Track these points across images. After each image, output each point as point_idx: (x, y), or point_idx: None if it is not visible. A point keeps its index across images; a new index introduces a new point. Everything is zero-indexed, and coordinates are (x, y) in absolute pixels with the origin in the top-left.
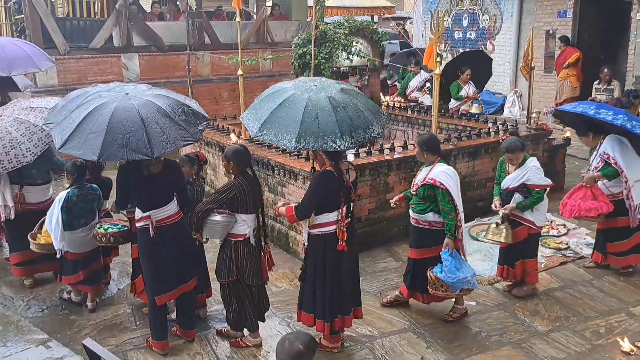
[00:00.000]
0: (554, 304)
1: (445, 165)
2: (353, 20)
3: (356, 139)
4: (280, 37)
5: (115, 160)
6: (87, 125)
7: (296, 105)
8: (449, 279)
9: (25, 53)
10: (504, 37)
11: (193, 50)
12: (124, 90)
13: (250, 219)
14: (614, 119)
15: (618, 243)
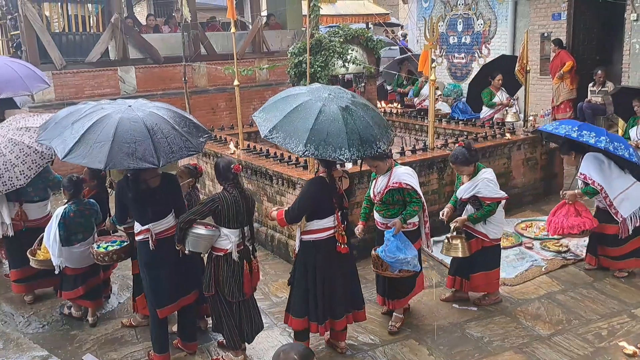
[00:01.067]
0: (555, 308)
1: (403, 167)
2: (348, 28)
3: (362, 153)
4: (276, 46)
5: (122, 169)
6: (92, 135)
7: (309, 111)
8: (388, 259)
9: (17, 75)
10: (499, 41)
11: (189, 61)
12: (125, 103)
13: (233, 233)
14: (597, 141)
15: (612, 249)
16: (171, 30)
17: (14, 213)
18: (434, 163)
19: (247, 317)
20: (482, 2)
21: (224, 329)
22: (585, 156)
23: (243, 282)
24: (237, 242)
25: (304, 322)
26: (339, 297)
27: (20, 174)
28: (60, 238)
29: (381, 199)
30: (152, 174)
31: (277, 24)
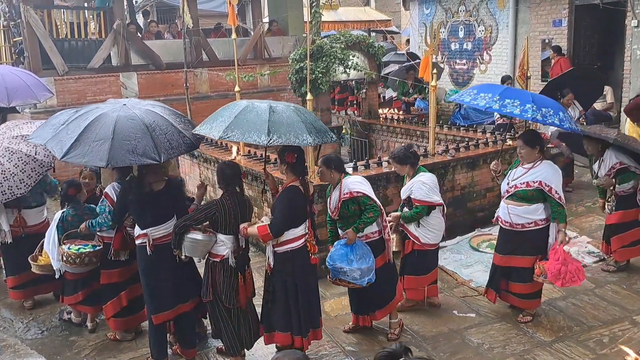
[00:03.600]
0: (556, 314)
1: (351, 176)
2: (349, 34)
3: (321, 139)
4: (277, 52)
5: (124, 165)
6: (90, 134)
7: (259, 110)
8: (328, 263)
9: (25, 84)
10: (500, 47)
11: (191, 67)
12: (120, 102)
13: (230, 239)
14: (522, 111)
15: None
16: (174, 37)
17: (12, 220)
18: (434, 169)
19: (246, 323)
20: (483, 8)
21: (223, 335)
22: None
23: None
24: (234, 248)
25: (288, 337)
26: (316, 306)
27: (20, 183)
28: (59, 241)
29: (338, 214)
30: (157, 177)
31: (279, 30)
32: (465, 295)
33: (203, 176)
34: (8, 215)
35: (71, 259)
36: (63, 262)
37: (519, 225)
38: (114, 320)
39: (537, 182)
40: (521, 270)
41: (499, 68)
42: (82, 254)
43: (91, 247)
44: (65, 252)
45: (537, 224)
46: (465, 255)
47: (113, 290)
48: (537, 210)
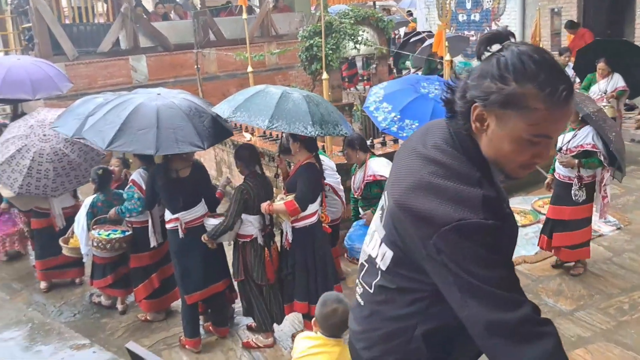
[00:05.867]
0: (576, 283)
1: (378, 158)
2: (358, 9)
3: (326, 131)
4: (284, 29)
5: (171, 153)
6: (133, 124)
7: (271, 95)
8: (346, 244)
9: (47, 75)
10: (508, 18)
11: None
12: (152, 92)
13: (256, 219)
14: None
15: None
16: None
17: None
18: None
19: (276, 299)
20: None
21: (255, 312)
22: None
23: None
24: (261, 227)
25: (305, 306)
26: (330, 276)
27: (85, 172)
28: (88, 227)
29: (361, 194)
30: (183, 164)
31: (285, 7)
32: None
33: (219, 158)
34: (63, 199)
35: (102, 244)
36: (93, 247)
37: None
38: (146, 302)
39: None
40: None
41: None
42: (112, 240)
43: (120, 233)
44: (95, 238)
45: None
46: None
47: (144, 273)
48: None
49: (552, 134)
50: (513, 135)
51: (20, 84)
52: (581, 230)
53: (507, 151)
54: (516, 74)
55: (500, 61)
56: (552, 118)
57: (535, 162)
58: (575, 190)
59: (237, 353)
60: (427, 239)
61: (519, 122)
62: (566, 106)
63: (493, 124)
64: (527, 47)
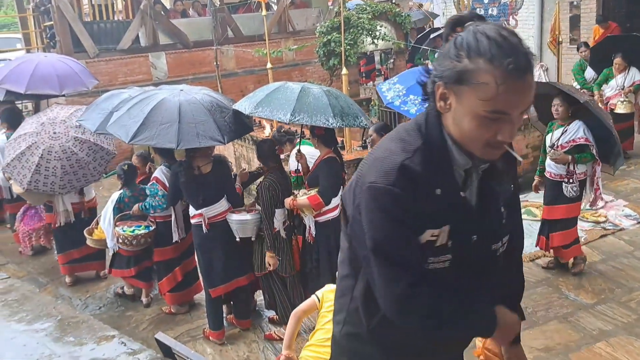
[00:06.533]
0: (597, 277)
1: None
2: (375, 4)
3: (346, 123)
4: (301, 25)
5: (192, 147)
6: (155, 118)
7: (291, 90)
8: None
9: (74, 71)
10: (526, 12)
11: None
12: (175, 88)
13: (279, 213)
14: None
15: None
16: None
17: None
18: None
19: (298, 292)
20: None
21: (278, 305)
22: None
23: (293, 256)
24: (283, 220)
25: None
26: None
27: (94, 170)
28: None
29: None
30: (205, 160)
31: (303, 3)
32: None
33: (238, 153)
34: (71, 195)
35: (127, 240)
36: (119, 243)
37: None
38: (170, 295)
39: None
40: None
41: (525, 33)
42: (137, 236)
43: (144, 228)
44: (120, 235)
45: None
46: None
47: (167, 266)
48: None
49: (507, 110)
50: (470, 112)
51: (47, 79)
52: (573, 229)
53: (468, 129)
54: (469, 50)
55: (456, 40)
56: (504, 92)
57: (500, 141)
58: (570, 186)
59: (259, 345)
60: (355, 196)
61: (473, 98)
62: (517, 80)
63: (454, 102)
64: (486, 26)
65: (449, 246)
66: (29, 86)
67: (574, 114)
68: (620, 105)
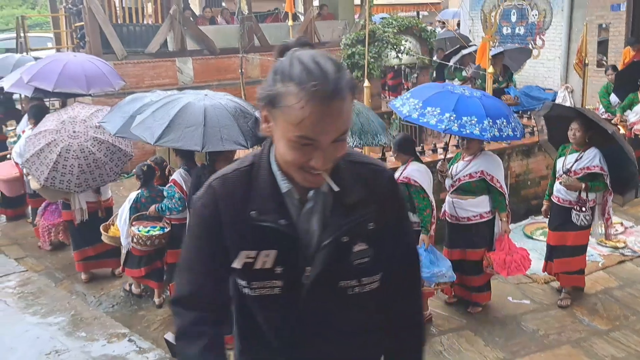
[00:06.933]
0: (612, 303)
1: (418, 163)
2: (402, 18)
3: (364, 142)
4: (327, 37)
5: (216, 150)
6: (181, 121)
7: None
8: (425, 273)
9: (102, 72)
10: (554, 32)
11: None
12: (200, 92)
13: None
14: (438, 121)
15: None
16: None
17: (92, 198)
18: None
19: None
20: None
21: None
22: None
23: None
24: None
25: None
26: None
27: (110, 171)
28: (130, 221)
29: None
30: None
31: (329, 15)
32: (519, 282)
33: None
34: (87, 194)
35: (142, 240)
36: (133, 243)
37: (464, 218)
38: None
39: (479, 172)
40: (473, 263)
41: (552, 53)
42: (152, 236)
43: (159, 229)
44: (135, 234)
45: (482, 216)
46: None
47: None
48: (482, 202)
49: (313, 136)
50: (283, 136)
51: (75, 78)
52: (580, 257)
53: (283, 152)
54: (282, 74)
55: (275, 65)
56: (309, 117)
57: (313, 166)
58: (582, 215)
59: None
60: None
61: (283, 121)
62: (321, 105)
63: (273, 124)
64: (306, 52)
65: (277, 272)
66: (57, 84)
67: (590, 140)
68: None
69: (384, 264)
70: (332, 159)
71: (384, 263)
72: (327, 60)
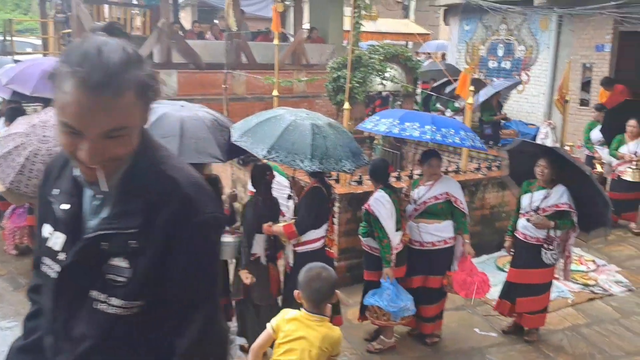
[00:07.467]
0: (579, 341)
1: (383, 192)
2: (388, 46)
3: (325, 166)
4: (315, 59)
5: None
6: (156, 131)
7: (280, 122)
8: (392, 308)
9: None
10: (539, 69)
11: (230, 69)
12: (177, 103)
13: (261, 238)
14: (422, 133)
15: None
16: (215, 38)
17: None
18: (465, 186)
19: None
20: (525, 28)
21: (249, 334)
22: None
23: (270, 284)
24: (265, 247)
25: None
26: None
27: None
28: None
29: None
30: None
31: (319, 38)
32: (488, 314)
33: (235, 176)
34: None
35: None
36: None
37: (429, 243)
38: None
39: (445, 194)
40: (431, 291)
41: (536, 89)
42: None
43: None
44: None
45: (446, 242)
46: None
47: None
48: (447, 227)
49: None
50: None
51: None
52: (545, 295)
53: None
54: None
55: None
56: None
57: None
58: (550, 253)
59: None
60: None
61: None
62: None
63: None
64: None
65: (59, 258)
66: (36, 88)
67: (557, 177)
68: (630, 172)
69: (146, 296)
70: (103, 155)
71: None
72: (118, 51)
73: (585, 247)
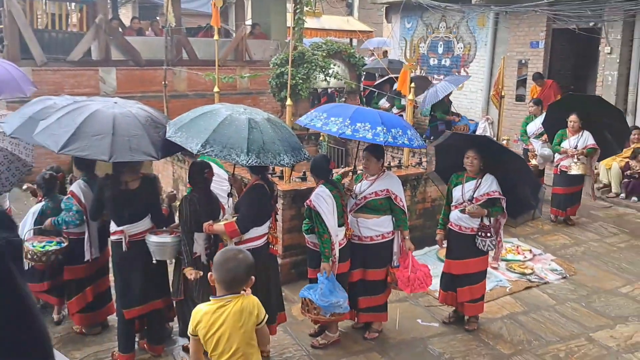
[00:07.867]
0: (517, 328)
1: (324, 187)
2: (331, 43)
3: (262, 160)
4: (258, 55)
5: (124, 160)
6: (87, 129)
7: (215, 117)
8: (322, 302)
9: (12, 77)
10: (477, 65)
11: (170, 65)
12: (109, 100)
13: (201, 237)
14: (374, 135)
15: None
16: (155, 34)
17: None
18: (407, 180)
19: None
20: (463, 26)
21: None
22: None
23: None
24: (205, 245)
25: None
26: (273, 302)
27: (5, 181)
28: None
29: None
30: (133, 176)
31: (262, 34)
32: (430, 304)
33: (176, 175)
34: None
35: (37, 256)
36: (27, 259)
37: (367, 238)
38: (78, 315)
39: (385, 190)
40: (374, 283)
41: (475, 85)
42: (48, 252)
43: (56, 244)
44: (30, 250)
45: (384, 236)
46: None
47: (78, 286)
48: (385, 222)
49: None
50: None
51: None
52: (482, 282)
53: None
54: None
55: None
56: None
57: None
58: (489, 240)
59: None
60: None
61: None
62: None
63: None
64: None
65: None
66: None
67: (484, 167)
68: (574, 166)
69: None
70: None
71: None
72: None
73: (522, 237)
